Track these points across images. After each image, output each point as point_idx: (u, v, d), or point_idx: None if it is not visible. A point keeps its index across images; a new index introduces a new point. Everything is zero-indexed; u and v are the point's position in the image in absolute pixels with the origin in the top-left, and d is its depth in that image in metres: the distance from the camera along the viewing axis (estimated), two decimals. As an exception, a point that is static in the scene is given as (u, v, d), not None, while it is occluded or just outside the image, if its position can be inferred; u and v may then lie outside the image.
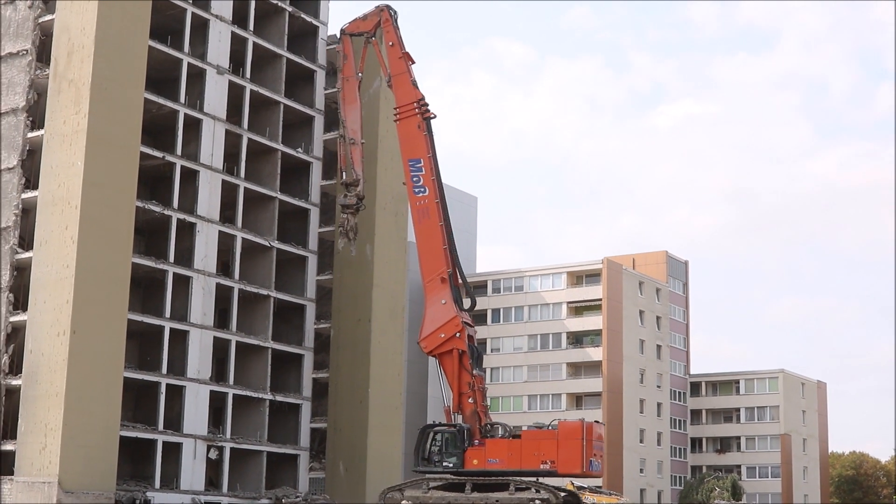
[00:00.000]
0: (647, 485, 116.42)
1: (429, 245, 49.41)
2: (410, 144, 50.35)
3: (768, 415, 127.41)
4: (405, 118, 50.74)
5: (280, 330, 72.36)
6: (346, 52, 53.82)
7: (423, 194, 49.65)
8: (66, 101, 59.57)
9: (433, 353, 48.32)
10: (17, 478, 56.37)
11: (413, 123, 50.46)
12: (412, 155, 50.15)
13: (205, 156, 66.85)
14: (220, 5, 69.13)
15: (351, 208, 51.62)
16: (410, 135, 50.43)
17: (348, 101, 53.12)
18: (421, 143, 50.10)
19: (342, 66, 53.89)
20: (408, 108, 50.71)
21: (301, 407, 72.52)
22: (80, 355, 56.44)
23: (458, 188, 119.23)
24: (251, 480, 68.26)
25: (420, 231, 49.62)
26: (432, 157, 50.00)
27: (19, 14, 63.98)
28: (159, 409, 62.43)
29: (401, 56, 51.76)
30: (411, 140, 50.36)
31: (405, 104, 50.84)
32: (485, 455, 46.45)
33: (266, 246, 70.94)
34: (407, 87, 51.17)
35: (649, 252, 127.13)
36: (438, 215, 49.47)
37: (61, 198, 58.35)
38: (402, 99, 51.07)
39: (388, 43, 52.63)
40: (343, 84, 53.50)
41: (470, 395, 47.37)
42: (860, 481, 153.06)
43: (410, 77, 51.31)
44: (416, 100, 50.65)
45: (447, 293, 48.44)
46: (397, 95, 51.40)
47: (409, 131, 50.51)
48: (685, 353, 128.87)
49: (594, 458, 46.87)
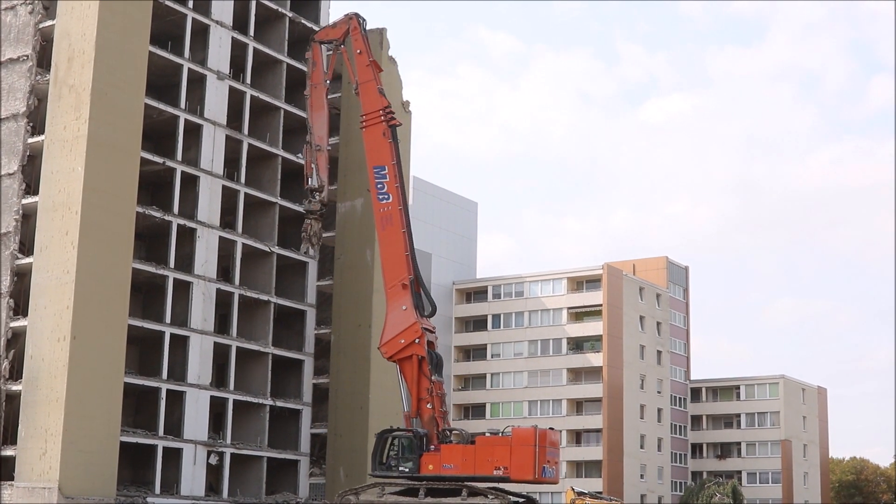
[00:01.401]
0: (648, 490, 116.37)
1: (391, 251, 50.46)
2: (376, 152, 51.22)
3: (769, 420, 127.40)
4: (371, 125, 51.66)
5: (280, 335, 72.35)
6: (315, 59, 54.75)
7: (387, 201, 50.54)
8: (66, 107, 59.62)
9: (393, 359, 49.60)
10: (18, 483, 56.32)
11: (378, 131, 51.37)
12: (377, 162, 51.16)
13: (205, 161, 66.90)
14: (221, 11, 69.21)
15: (315, 214, 52.62)
16: (376, 142, 51.32)
17: (316, 107, 53.92)
18: (385, 151, 50.94)
19: (311, 73, 54.78)
20: (374, 115, 51.65)
21: (301, 412, 72.48)
22: (81, 361, 56.42)
23: (458, 193, 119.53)
24: (251, 486, 68.22)
25: (383, 238, 50.65)
26: (396, 164, 50.91)
27: (20, 19, 64.04)
28: (159, 415, 62.41)
29: (368, 64, 52.75)
30: (376, 147, 51.24)
31: (371, 112, 51.77)
32: (440, 460, 47.19)
33: (266, 251, 70.95)
34: (374, 94, 52.08)
35: (650, 258, 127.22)
36: (401, 222, 50.23)
37: (62, 203, 58.37)
38: (368, 106, 51.99)
39: (356, 51, 53.57)
40: (311, 91, 54.34)
41: (428, 401, 48.35)
42: (860, 487, 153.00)
43: (377, 85, 52.21)
44: (381, 107, 51.54)
45: (408, 299, 49.79)
46: (364, 103, 52.31)
47: (375, 138, 51.40)
48: (685, 358, 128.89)
49: (547, 464, 47.33)
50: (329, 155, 53.85)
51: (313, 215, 52.65)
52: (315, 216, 52.69)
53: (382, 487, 48.29)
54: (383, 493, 48.05)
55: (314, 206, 52.45)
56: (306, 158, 53.13)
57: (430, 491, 47.33)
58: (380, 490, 48.21)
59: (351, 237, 74.52)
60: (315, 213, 52.63)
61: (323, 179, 52.62)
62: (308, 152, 53.06)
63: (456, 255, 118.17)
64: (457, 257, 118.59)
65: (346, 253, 74.54)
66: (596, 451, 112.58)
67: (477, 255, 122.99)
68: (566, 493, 69.67)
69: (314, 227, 52.72)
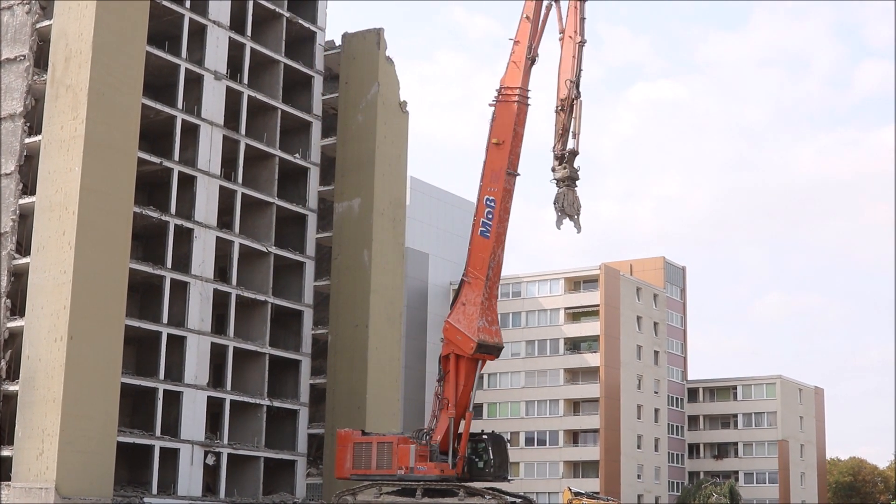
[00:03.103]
0: (645, 490, 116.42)
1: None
2: (507, 127, 50.12)
3: (766, 420, 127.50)
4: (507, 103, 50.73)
5: (277, 335, 72.33)
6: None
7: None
8: (63, 107, 59.57)
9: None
10: (15, 483, 56.28)
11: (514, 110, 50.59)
12: (500, 137, 50.04)
13: (202, 161, 66.86)
14: (218, 11, 69.17)
15: (566, 181, 49.94)
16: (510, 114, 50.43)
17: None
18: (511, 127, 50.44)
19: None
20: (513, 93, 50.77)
21: (298, 412, 72.45)
22: (78, 361, 56.39)
23: (455, 194, 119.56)
24: (248, 486, 68.19)
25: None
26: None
27: (17, 19, 64.00)
28: (156, 415, 62.37)
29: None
30: (508, 120, 50.25)
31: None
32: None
33: (263, 252, 70.93)
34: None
35: (647, 258, 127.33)
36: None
37: (59, 203, 58.33)
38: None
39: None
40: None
41: None
42: (858, 487, 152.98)
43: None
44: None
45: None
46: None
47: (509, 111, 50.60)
48: (683, 358, 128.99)
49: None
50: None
51: (565, 183, 49.84)
52: (567, 183, 49.71)
53: (380, 487, 48.48)
54: (380, 493, 48.22)
55: (566, 173, 49.64)
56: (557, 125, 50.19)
57: (426, 491, 47.53)
58: (377, 490, 48.40)
59: (348, 237, 74.51)
60: (566, 180, 49.67)
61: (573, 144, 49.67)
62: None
63: (453, 255, 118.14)
64: (454, 257, 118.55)
65: (343, 253, 74.52)
66: (593, 451, 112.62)
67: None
68: (563, 493, 69.80)
69: (568, 197, 49.80)
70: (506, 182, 49.76)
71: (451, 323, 49.72)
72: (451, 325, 49.73)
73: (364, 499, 48.52)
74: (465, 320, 49.41)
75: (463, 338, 49.12)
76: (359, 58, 76.60)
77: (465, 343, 49.02)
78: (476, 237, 50.33)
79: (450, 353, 49.77)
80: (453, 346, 49.54)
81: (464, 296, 50.11)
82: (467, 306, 49.74)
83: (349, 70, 76.80)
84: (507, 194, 49.86)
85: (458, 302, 50.26)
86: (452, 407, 49.12)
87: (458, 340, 49.29)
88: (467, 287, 50.20)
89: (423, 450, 48.75)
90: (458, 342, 49.29)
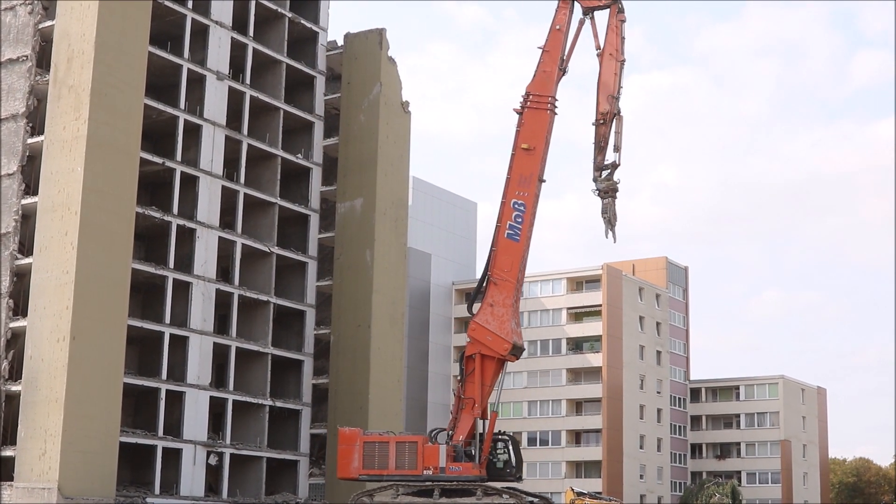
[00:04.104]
0: (647, 491, 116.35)
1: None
2: (538, 135, 50.35)
3: (768, 421, 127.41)
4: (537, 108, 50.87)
5: (280, 336, 72.35)
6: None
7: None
8: (65, 107, 59.60)
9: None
10: (17, 483, 56.30)
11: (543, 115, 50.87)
12: (529, 141, 50.33)
13: (205, 161, 66.89)
14: (220, 11, 69.20)
15: (610, 193, 50.46)
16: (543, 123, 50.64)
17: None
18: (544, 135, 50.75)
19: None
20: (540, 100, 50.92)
21: (301, 413, 72.46)
22: (80, 361, 56.40)
23: (458, 194, 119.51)
24: (251, 486, 68.20)
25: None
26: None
27: (19, 20, 64.03)
28: (159, 415, 62.39)
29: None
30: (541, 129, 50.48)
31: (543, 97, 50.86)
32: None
33: (266, 252, 70.95)
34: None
35: (649, 258, 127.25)
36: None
37: (61, 204, 58.35)
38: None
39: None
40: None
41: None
42: (861, 488, 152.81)
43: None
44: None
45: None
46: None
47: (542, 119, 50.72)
48: (685, 358, 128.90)
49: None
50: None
51: (608, 194, 50.32)
52: (612, 195, 50.25)
53: (397, 488, 48.38)
54: (398, 493, 48.11)
55: (609, 185, 50.18)
56: (597, 133, 50.67)
57: (444, 491, 47.57)
58: (394, 491, 48.28)
59: (350, 237, 74.53)
60: (609, 191, 50.20)
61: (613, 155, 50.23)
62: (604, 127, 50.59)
63: (455, 255, 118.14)
64: (456, 257, 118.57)
65: (345, 253, 74.53)
66: (595, 451, 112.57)
67: (476, 255, 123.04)
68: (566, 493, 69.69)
69: (612, 208, 50.41)
70: (536, 187, 50.22)
71: (480, 323, 49.90)
72: (479, 325, 49.94)
73: (382, 500, 48.33)
74: (496, 321, 49.70)
75: (494, 338, 49.40)
76: (361, 58, 76.62)
77: (498, 344, 49.32)
78: (503, 239, 50.50)
79: (474, 354, 49.81)
80: (481, 346, 49.76)
81: (491, 297, 50.37)
82: (496, 307, 50.05)
83: (351, 70, 76.80)
84: (536, 199, 50.40)
85: (486, 303, 50.41)
86: (478, 407, 49.25)
87: (488, 341, 49.55)
88: (494, 288, 50.43)
89: (449, 450, 48.84)
90: (488, 342, 49.55)
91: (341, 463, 50.84)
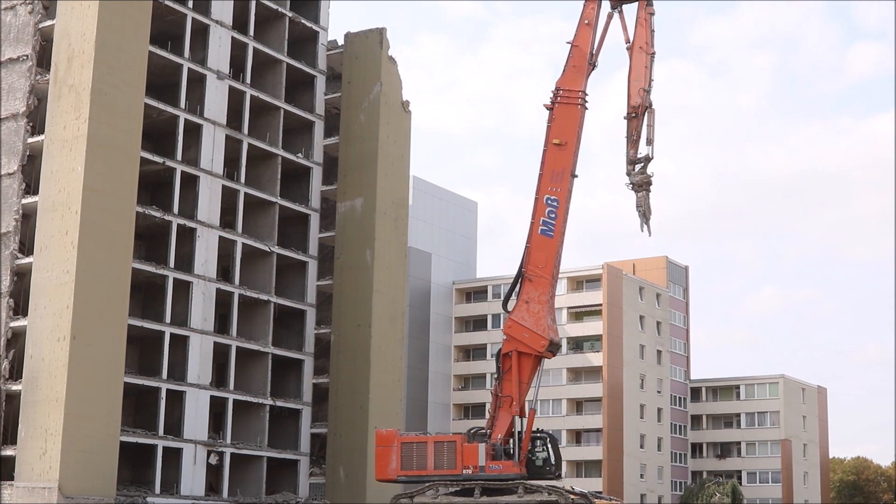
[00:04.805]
0: (648, 490, 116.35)
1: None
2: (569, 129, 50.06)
3: (769, 420, 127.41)
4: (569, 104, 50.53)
5: (280, 335, 72.35)
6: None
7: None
8: (66, 107, 59.61)
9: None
10: (18, 483, 56.32)
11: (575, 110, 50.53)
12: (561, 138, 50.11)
13: (205, 161, 66.89)
14: (221, 10, 69.19)
15: (645, 187, 49.99)
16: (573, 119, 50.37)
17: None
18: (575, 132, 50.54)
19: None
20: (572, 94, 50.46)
21: (301, 412, 72.46)
22: (81, 360, 56.42)
23: (458, 193, 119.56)
24: (251, 486, 68.20)
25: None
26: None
27: (19, 19, 64.04)
28: (159, 415, 62.39)
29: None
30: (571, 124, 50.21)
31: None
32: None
33: (266, 251, 70.95)
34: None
35: (649, 257, 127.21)
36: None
37: (61, 203, 58.36)
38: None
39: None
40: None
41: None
42: (861, 486, 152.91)
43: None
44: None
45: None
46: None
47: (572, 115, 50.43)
48: (685, 358, 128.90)
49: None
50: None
51: (642, 188, 49.90)
52: (646, 189, 49.85)
53: (437, 488, 48.23)
54: (437, 494, 47.98)
55: (643, 178, 49.81)
56: (630, 127, 50.28)
57: (484, 490, 47.47)
58: (434, 491, 48.14)
59: (351, 237, 74.53)
60: (643, 185, 49.79)
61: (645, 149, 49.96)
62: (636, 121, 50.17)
63: (456, 254, 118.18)
64: (457, 257, 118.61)
65: (345, 253, 74.54)
66: (596, 450, 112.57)
67: (476, 254, 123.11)
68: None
69: (647, 201, 49.99)
70: (569, 182, 50.26)
71: (516, 320, 49.80)
72: (515, 322, 49.78)
73: (422, 500, 48.08)
74: (532, 318, 49.54)
75: (531, 335, 49.24)
76: (361, 57, 76.62)
77: (535, 340, 49.13)
78: (536, 236, 50.47)
79: (511, 351, 49.78)
80: (517, 344, 49.57)
81: (526, 293, 50.29)
82: (531, 304, 49.93)
83: (352, 69, 76.80)
84: (569, 194, 50.36)
85: (521, 300, 50.29)
86: (516, 405, 49.16)
87: (524, 338, 49.36)
88: (529, 285, 50.36)
89: (488, 448, 48.75)
90: (524, 340, 49.36)
91: (379, 464, 49.83)
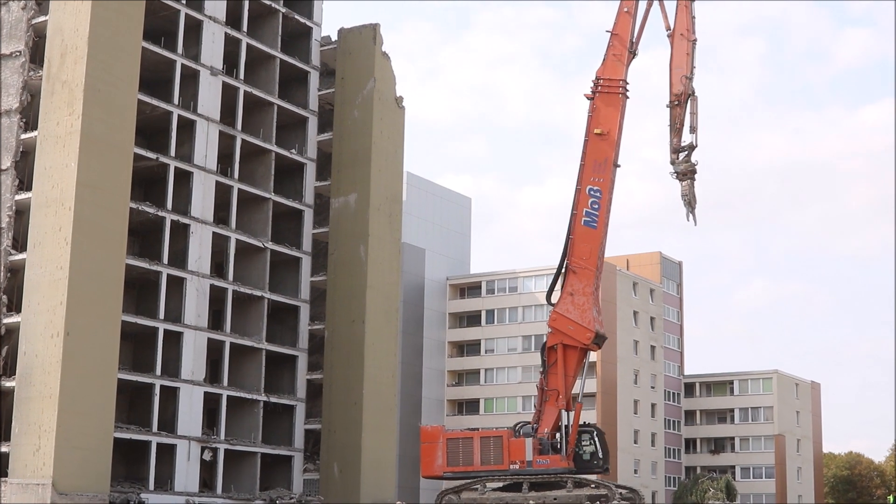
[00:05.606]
0: (642, 485, 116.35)
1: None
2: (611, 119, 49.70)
3: (762, 415, 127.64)
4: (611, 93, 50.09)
5: (274, 331, 72.34)
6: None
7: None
8: (59, 103, 59.53)
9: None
10: (11, 479, 56.30)
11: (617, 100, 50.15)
12: (603, 125, 49.75)
13: (198, 157, 66.84)
14: (214, 6, 69.12)
15: (689, 175, 49.56)
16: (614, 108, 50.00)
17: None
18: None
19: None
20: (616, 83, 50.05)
21: (295, 408, 72.51)
22: (74, 357, 56.40)
23: (452, 189, 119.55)
24: (245, 482, 68.23)
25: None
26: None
27: (12, 15, 63.92)
28: (153, 411, 62.40)
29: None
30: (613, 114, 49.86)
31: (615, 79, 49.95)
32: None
33: (260, 247, 70.93)
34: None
35: (643, 253, 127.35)
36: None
37: (55, 199, 58.30)
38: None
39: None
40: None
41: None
42: (854, 482, 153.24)
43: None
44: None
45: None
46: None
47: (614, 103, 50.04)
48: (679, 353, 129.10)
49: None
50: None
51: (686, 177, 49.45)
52: (691, 177, 49.42)
53: (484, 484, 48.06)
54: (485, 489, 47.80)
55: (687, 167, 49.34)
56: (672, 116, 49.67)
57: (532, 485, 47.36)
58: (481, 487, 47.97)
59: (345, 233, 74.52)
60: (688, 174, 49.34)
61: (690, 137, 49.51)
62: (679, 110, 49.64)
63: (450, 250, 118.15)
64: (450, 253, 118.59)
65: (339, 249, 74.54)
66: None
67: (470, 250, 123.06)
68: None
69: (692, 190, 49.50)
70: (612, 172, 50.02)
71: (561, 313, 49.44)
72: (560, 315, 49.32)
73: (469, 496, 47.89)
74: (577, 310, 49.16)
75: (576, 327, 48.82)
76: (355, 53, 76.59)
77: (580, 333, 48.78)
78: (579, 227, 50.00)
79: (556, 344, 49.52)
80: (563, 336, 49.18)
81: (570, 285, 49.89)
82: (576, 296, 49.54)
83: (345, 65, 76.77)
84: (612, 185, 50.11)
85: (566, 292, 49.89)
86: (563, 398, 48.94)
87: (570, 331, 48.94)
88: (574, 277, 49.95)
89: (535, 443, 48.57)
90: (570, 332, 48.95)
91: (425, 461, 49.26)
